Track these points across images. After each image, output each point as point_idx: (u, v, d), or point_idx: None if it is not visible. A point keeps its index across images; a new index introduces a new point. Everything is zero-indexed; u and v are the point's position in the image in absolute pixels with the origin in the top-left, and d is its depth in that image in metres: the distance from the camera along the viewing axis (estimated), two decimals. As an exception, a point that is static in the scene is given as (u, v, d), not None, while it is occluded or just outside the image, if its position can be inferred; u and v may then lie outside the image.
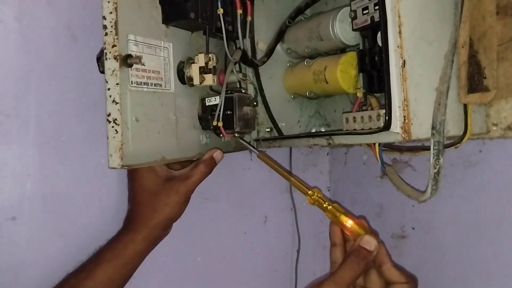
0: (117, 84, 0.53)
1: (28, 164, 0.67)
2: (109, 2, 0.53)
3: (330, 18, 0.72)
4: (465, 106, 0.58)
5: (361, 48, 0.67)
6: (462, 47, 0.56)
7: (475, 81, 0.57)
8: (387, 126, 0.55)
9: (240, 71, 0.77)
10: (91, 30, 0.71)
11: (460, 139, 0.59)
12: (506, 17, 0.56)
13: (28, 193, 0.66)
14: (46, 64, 0.69)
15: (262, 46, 0.82)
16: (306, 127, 0.85)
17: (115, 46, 0.53)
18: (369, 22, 0.62)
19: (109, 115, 0.53)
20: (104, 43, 0.53)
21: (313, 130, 0.85)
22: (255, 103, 0.76)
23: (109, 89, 0.53)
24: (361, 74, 0.66)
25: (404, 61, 0.54)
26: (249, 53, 0.78)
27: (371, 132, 0.59)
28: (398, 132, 0.54)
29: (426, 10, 0.56)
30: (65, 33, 0.71)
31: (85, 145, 0.71)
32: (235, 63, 0.71)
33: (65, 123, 0.70)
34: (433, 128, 0.54)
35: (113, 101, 0.53)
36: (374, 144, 0.64)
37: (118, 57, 0.53)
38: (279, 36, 0.82)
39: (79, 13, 0.72)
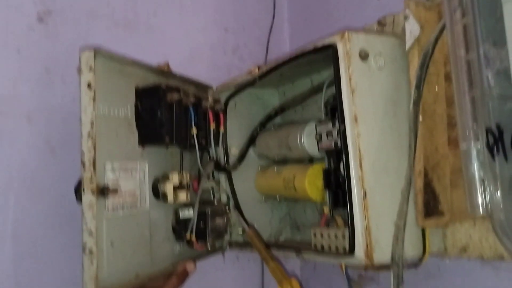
0: (93, 216, 0.55)
1: (2, 280, 0.67)
2: (87, 140, 0.56)
3: (298, 132, 0.77)
4: (423, 229, 0.62)
5: (326, 166, 0.71)
6: (418, 176, 0.61)
7: (431, 207, 0.61)
8: (351, 251, 0.59)
9: (213, 178, 0.81)
10: (70, 143, 0.74)
11: (420, 260, 0.62)
12: (456, 148, 0.61)
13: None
14: (24, 179, 0.71)
15: (234, 151, 0.86)
16: (277, 229, 0.88)
17: (93, 181, 0.56)
18: (333, 147, 0.67)
19: (84, 245, 0.55)
20: (82, 179, 0.56)
21: (284, 234, 0.88)
22: (228, 210, 0.79)
23: (85, 221, 0.55)
24: (327, 191, 0.70)
25: (365, 191, 0.58)
26: (224, 159, 0.82)
27: (337, 255, 0.62)
28: (361, 258, 0.58)
29: (384, 143, 0.61)
30: (43, 147, 0.73)
31: (61, 258, 0.73)
32: (208, 176, 0.75)
33: (41, 236, 0.71)
34: (392, 260, 0.58)
35: (89, 232, 0.55)
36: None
37: (95, 191, 0.56)
38: (251, 142, 0.86)
39: (58, 128, 0.75)
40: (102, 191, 0.57)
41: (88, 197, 0.56)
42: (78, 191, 0.58)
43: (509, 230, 0.46)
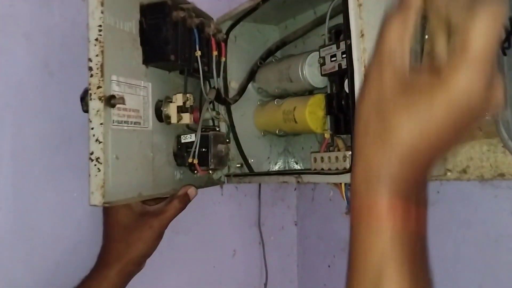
0: (101, 123, 0.55)
1: (1, 199, 0.67)
2: (95, 45, 0.55)
3: (300, 61, 0.77)
4: (424, 150, 0.63)
5: (328, 92, 0.71)
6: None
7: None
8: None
9: (214, 109, 0.81)
10: (68, 67, 0.73)
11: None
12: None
13: (-2, 225, 0.66)
14: (22, 99, 0.70)
15: (234, 85, 0.86)
16: (275, 164, 0.89)
17: (100, 87, 0.55)
18: (337, 68, 0.67)
19: (92, 153, 0.55)
20: (89, 84, 0.55)
21: (282, 167, 0.89)
22: (227, 140, 0.79)
23: (92, 128, 0.55)
24: (328, 116, 0.71)
25: (370, 108, 0.59)
26: (222, 92, 0.81)
27: (338, 173, 0.63)
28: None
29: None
30: (42, 69, 0.72)
31: (58, 179, 0.72)
32: (210, 102, 0.75)
33: (39, 157, 0.71)
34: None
35: (97, 140, 0.55)
36: (340, 183, 0.68)
37: (102, 98, 0.55)
38: (251, 76, 0.86)
39: (56, 50, 0.73)
40: (109, 99, 0.56)
41: (95, 104, 0.55)
42: (84, 99, 0.57)
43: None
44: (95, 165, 0.55)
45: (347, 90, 0.63)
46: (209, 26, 0.75)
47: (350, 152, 0.61)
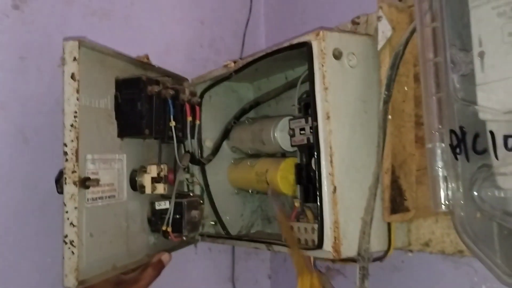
0: (75, 207, 0.56)
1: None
2: (71, 131, 0.57)
3: (271, 126, 0.79)
4: (389, 224, 0.66)
5: (298, 161, 0.74)
6: (386, 173, 0.65)
7: (397, 203, 0.65)
8: (319, 245, 0.61)
9: (188, 171, 0.83)
10: (43, 133, 0.75)
11: (385, 254, 0.66)
12: (423, 147, 0.65)
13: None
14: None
15: (209, 144, 0.88)
16: (248, 222, 0.91)
17: (75, 172, 0.56)
18: (305, 142, 0.70)
19: (66, 236, 0.56)
20: (64, 168, 0.57)
21: (255, 227, 0.91)
22: (201, 201, 0.81)
23: (67, 211, 0.56)
24: (298, 185, 0.73)
25: (335, 187, 0.61)
26: (197, 153, 0.83)
27: (306, 248, 0.65)
28: (329, 251, 0.61)
29: (354, 141, 0.64)
30: (16, 136, 0.73)
31: (31, 245, 0.73)
32: (184, 169, 0.77)
33: (13, 223, 0.71)
34: (358, 254, 0.61)
35: (71, 223, 0.56)
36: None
37: (77, 182, 0.56)
38: (225, 135, 0.88)
39: (32, 117, 0.75)
40: (84, 182, 0.58)
41: (70, 188, 0.56)
42: (59, 182, 0.59)
43: (468, 226, 0.50)
44: (69, 248, 0.56)
45: (313, 167, 0.65)
46: (184, 92, 0.77)
47: (317, 225, 0.63)
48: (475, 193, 0.47)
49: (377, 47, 0.65)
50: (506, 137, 0.43)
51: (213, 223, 0.87)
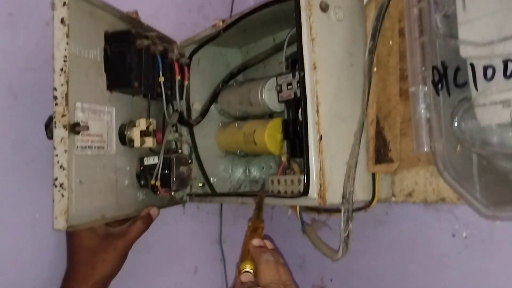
0: (65, 151, 0.57)
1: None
2: (60, 75, 0.57)
3: (259, 86, 0.80)
4: (373, 175, 0.68)
5: (285, 117, 0.75)
6: (370, 124, 0.66)
7: (381, 154, 0.67)
8: (305, 192, 0.63)
9: (176, 130, 0.83)
10: (32, 90, 0.75)
11: (369, 203, 0.68)
12: (407, 100, 0.67)
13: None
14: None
15: (197, 107, 0.89)
16: (236, 183, 0.92)
17: (65, 116, 0.57)
18: (292, 96, 0.71)
19: (56, 179, 0.57)
20: (54, 112, 0.57)
21: (243, 186, 0.92)
22: (190, 161, 0.82)
23: (57, 155, 0.57)
24: (285, 140, 0.74)
25: (321, 136, 0.63)
26: (185, 114, 0.84)
27: (293, 196, 0.67)
28: (315, 198, 0.62)
29: (340, 92, 0.65)
30: (5, 93, 0.73)
31: (20, 201, 0.73)
32: (173, 126, 0.77)
33: (1, 178, 0.71)
34: (343, 197, 0.63)
35: (61, 166, 0.57)
36: (296, 205, 0.72)
37: (67, 126, 0.57)
38: (213, 98, 0.89)
39: (19, 74, 0.75)
40: (73, 127, 0.58)
41: (60, 131, 0.57)
42: (48, 126, 0.59)
43: (449, 162, 0.52)
44: (59, 191, 0.57)
45: (300, 119, 0.67)
46: (172, 51, 0.78)
47: (304, 176, 0.64)
48: (456, 124, 0.49)
49: (363, 1, 0.66)
50: (485, 68, 0.45)
51: (201, 184, 0.88)
